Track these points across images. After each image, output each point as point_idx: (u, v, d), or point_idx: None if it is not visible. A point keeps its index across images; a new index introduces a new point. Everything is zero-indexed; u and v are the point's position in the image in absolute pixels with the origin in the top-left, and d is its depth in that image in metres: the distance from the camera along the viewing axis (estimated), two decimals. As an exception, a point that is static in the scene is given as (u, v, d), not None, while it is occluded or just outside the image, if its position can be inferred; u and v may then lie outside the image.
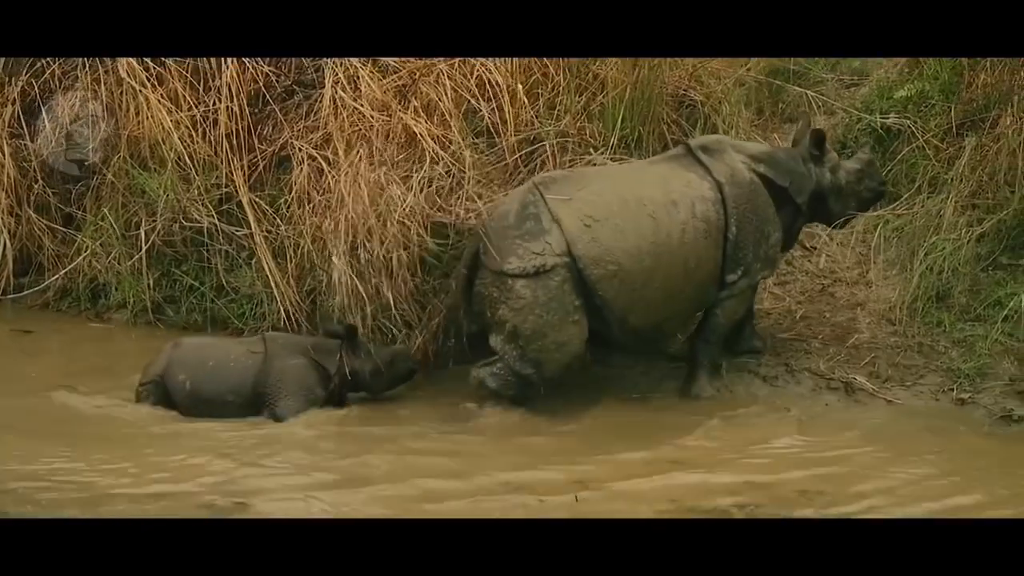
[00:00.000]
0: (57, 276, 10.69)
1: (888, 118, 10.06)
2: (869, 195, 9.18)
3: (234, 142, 10.19)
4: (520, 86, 9.56)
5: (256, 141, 10.29)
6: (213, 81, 10.32)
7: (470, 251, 8.50)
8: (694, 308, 8.79)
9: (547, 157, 9.44)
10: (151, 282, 10.36)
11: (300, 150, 9.77)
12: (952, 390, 8.65)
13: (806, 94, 10.32)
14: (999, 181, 9.19)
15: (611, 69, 9.68)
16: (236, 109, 10.18)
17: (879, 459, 7.79)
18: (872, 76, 10.64)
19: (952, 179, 9.39)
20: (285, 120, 10.32)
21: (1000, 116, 9.35)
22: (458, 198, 8.90)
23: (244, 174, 10.15)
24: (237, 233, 10.16)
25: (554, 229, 8.25)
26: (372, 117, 9.50)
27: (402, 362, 8.80)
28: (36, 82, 10.85)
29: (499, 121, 9.51)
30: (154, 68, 10.37)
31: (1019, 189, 9.09)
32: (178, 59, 10.34)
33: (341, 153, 9.42)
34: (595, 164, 9.37)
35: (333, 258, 8.95)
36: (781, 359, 9.12)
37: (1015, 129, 9.17)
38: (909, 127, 9.93)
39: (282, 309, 9.61)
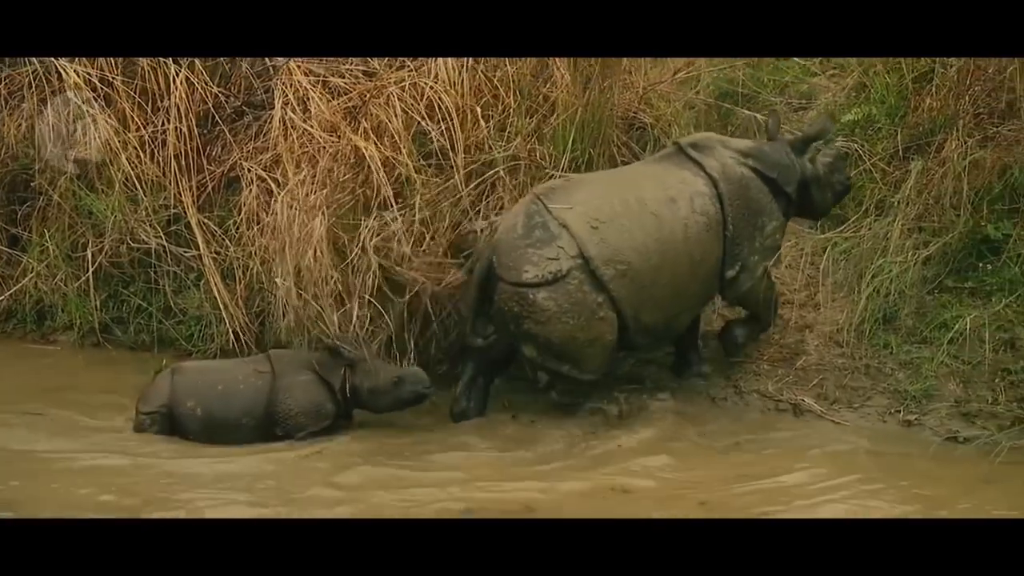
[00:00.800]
0: (2, 298, 10.59)
1: (836, 141, 10.12)
2: (840, 188, 9.41)
3: (183, 163, 10.14)
4: (470, 108, 9.56)
5: (205, 162, 10.28)
6: (162, 102, 10.26)
7: (483, 266, 8.55)
8: (701, 302, 8.96)
9: (498, 179, 9.44)
10: (98, 303, 10.28)
11: (249, 171, 9.76)
12: (899, 412, 8.71)
13: (755, 117, 10.36)
14: (944, 205, 9.24)
15: (561, 91, 9.70)
16: (185, 130, 10.13)
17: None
18: (820, 100, 10.73)
19: (899, 202, 9.44)
20: (234, 141, 10.30)
21: (945, 140, 9.41)
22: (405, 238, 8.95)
23: (193, 195, 10.12)
24: (185, 254, 10.13)
25: (563, 234, 8.38)
26: (321, 138, 9.47)
27: (410, 384, 8.62)
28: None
29: (449, 143, 9.50)
30: (102, 88, 10.30)
31: (964, 212, 9.15)
32: (126, 80, 10.29)
33: (290, 174, 9.40)
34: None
35: (277, 280, 8.95)
36: (730, 381, 9.19)
37: (960, 153, 9.23)
38: (856, 150, 10.00)
39: (230, 331, 9.57)
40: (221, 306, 9.63)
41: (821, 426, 8.72)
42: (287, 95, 9.73)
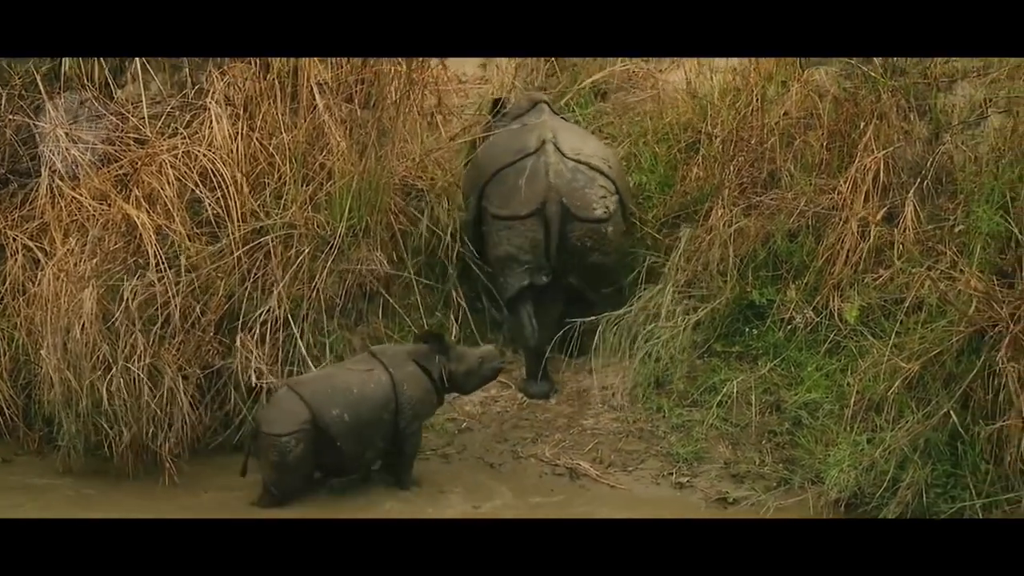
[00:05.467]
0: None
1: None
2: None
3: (-58, 232, 9.78)
4: (245, 176, 9.48)
5: (-34, 231, 9.91)
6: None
7: (557, 208, 9.35)
8: None
9: (272, 247, 9.37)
10: None
11: (14, 240, 9.50)
12: (671, 474, 8.89)
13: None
14: (712, 271, 9.50)
15: (337, 159, 9.69)
16: (-56, 198, 9.80)
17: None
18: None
19: (669, 269, 9.68)
20: (-2, 209, 9.98)
21: (712, 209, 9.70)
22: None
23: (-47, 265, 9.75)
24: (-53, 325, 9.74)
25: (597, 176, 9.51)
26: (91, 207, 9.29)
27: (489, 362, 9.08)
28: None
29: (224, 211, 9.41)
30: None
31: (731, 279, 9.43)
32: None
33: (58, 243, 9.20)
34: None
35: (41, 352, 8.78)
36: (507, 445, 9.27)
37: (725, 221, 9.53)
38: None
39: (-6, 404, 9.25)
40: (-16, 378, 9.30)
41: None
42: (54, 163, 9.50)
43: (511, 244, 9.50)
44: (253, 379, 9.06)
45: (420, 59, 10.29)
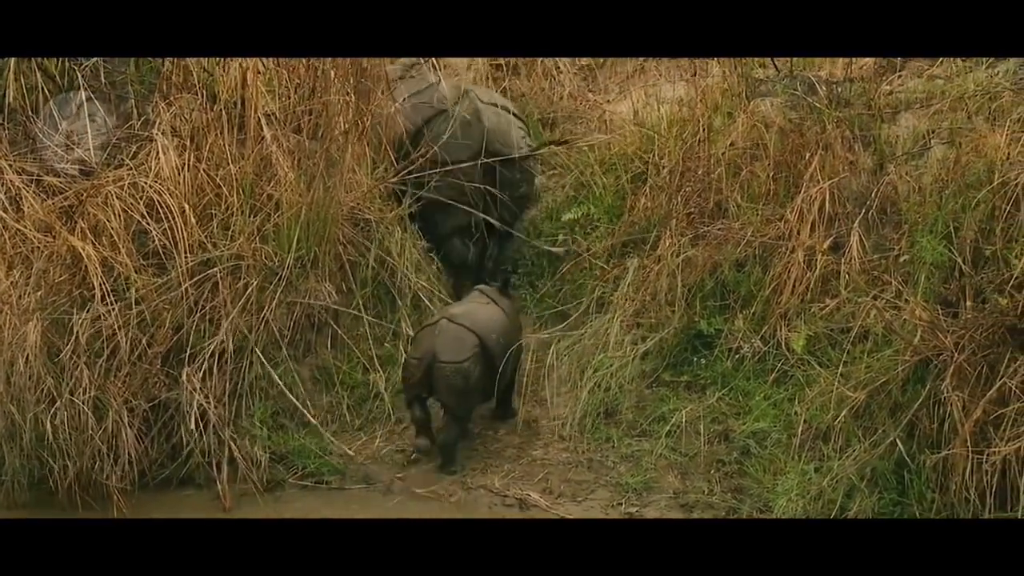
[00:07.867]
0: None
1: (556, 241, 10.43)
2: None
3: None
4: (191, 207, 9.44)
5: (-93, 262, 9.79)
6: None
7: (494, 147, 10.29)
8: None
9: (220, 279, 9.32)
10: None
11: (-43, 273, 9.36)
12: (620, 504, 8.89)
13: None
14: (660, 301, 9.55)
15: (285, 190, 9.66)
16: None
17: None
18: (540, 199, 10.99)
19: (617, 299, 9.73)
20: (-61, 241, 9.86)
21: (660, 238, 9.75)
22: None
23: None
24: None
25: (513, 120, 10.50)
26: (36, 239, 9.22)
27: None
28: None
29: (171, 243, 9.35)
30: None
31: (679, 309, 9.48)
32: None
33: (2, 275, 9.11)
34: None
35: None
36: (457, 477, 9.22)
37: (673, 251, 9.58)
38: (576, 248, 10.30)
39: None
40: (-75, 412, 9.16)
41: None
42: (-2, 193, 9.44)
43: (452, 188, 10.28)
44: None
45: (367, 91, 10.30)
